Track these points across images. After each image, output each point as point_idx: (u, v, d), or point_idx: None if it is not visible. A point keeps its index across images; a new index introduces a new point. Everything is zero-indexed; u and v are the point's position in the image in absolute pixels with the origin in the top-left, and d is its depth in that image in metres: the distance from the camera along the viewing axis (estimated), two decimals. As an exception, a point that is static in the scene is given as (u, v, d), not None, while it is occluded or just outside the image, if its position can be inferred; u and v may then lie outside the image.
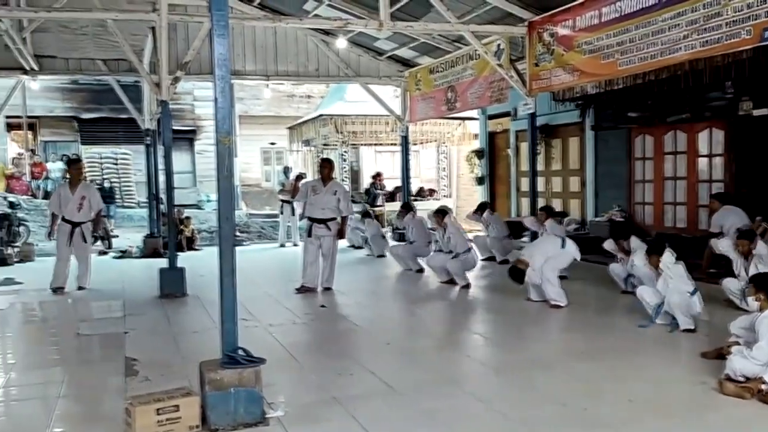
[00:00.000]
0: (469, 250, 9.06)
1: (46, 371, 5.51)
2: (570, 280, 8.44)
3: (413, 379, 5.01)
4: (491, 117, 15.31)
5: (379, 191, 17.27)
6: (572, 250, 7.66)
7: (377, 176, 17.88)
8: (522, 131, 13.24)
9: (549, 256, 7.49)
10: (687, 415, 4.25)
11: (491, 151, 15.76)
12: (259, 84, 14.51)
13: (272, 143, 25.03)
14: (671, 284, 6.10)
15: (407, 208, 11.39)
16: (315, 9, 11.45)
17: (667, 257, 6.26)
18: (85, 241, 9.18)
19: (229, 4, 4.22)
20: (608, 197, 11.94)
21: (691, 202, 10.61)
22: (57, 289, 8.93)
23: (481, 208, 11.47)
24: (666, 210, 11.07)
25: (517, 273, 7.48)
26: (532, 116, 9.76)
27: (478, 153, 15.99)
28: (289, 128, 20.04)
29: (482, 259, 10.64)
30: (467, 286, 8.77)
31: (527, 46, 9.43)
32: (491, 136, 15.68)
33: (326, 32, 12.36)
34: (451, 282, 8.99)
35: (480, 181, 16.10)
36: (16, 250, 12.60)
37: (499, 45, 9.86)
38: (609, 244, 8.15)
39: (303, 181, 10.04)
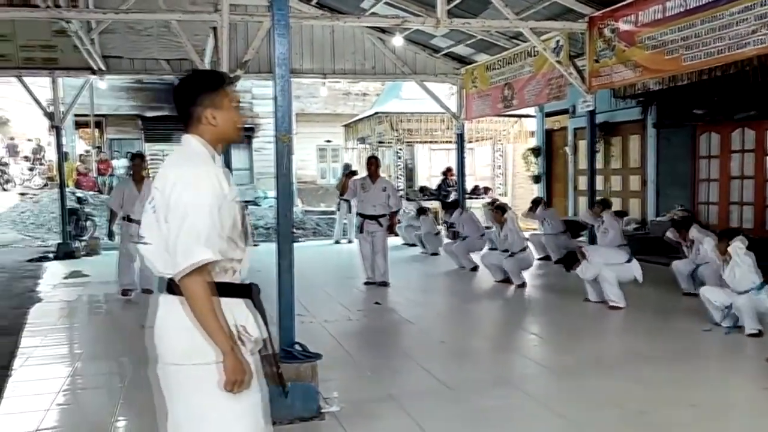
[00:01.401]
0: (526, 248, 8.95)
1: (112, 362, 5.71)
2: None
3: (467, 378, 4.99)
4: (548, 114, 15.08)
5: (451, 187, 16.98)
6: (635, 269, 7.39)
7: (448, 171, 17.16)
8: (580, 129, 12.99)
9: (610, 263, 7.33)
10: (749, 422, 4.11)
11: (548, 149, 15.52)
12: (316, 82, 14.65)
13: (328, 141, 25.27)
14: (738, 273, 5.84)
15: (454, 205, 11.35)
16: (372, 7, 11.49)
17: (739, 243, 5.95)
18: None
19: (288, 3, 4.27)
20: (670, 196, 11.61)
21: (759, 202, 10.21)
22: (125, 292, 8.33)
23: (535, 204, 11.32)
24: (732, 210, 10.70)
25: (571, 259, 7.34)
26: (592, 113, 9.56)
27: (535, 151, 15.78)
28: (345, 126, 20.18)
29: (538, 259, 10.51)
30: (523, 285, 8.68)
31: (587, 42, 9.24)
32: (548, 134, 15.45)
33: (383, 30, 12.39)
34: (507, 281, 8.91)
35: (536, 179, 15.88)
36: (83, 243, 13.08)
37: (558, 41, 9.69)
38: (671, 233, 7.91)
39: (353, 178, 10.06)
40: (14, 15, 9.17)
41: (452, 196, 16.40)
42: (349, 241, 14.19)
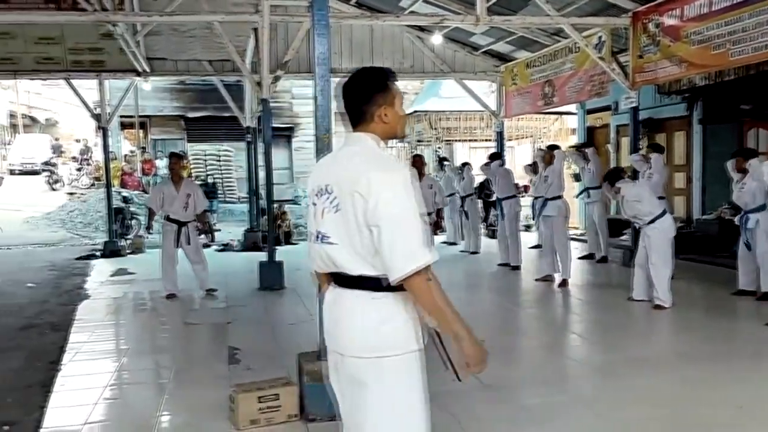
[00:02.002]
0: (561, 197, 8.65)
1: (157, 357, 5.84)
2: (675, 279, 8.08)
3: (509, 377, 4.95)
4: (590, 111, 14.85)
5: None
6: (668, 225, 7.09)
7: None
8: (623, 126, 12.76)
9: (642, 198, 7.05)
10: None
11: (590, 146, 15.26)
12: (355, 81, 14.68)
13: (367, 140, 25.35)
14: None
15: (496, 157, 11.15)
16: (411, 5, 11.48)
17: None
18: (190, 243, 8.37)
19: (328, 3, 4.30)
20: (717, 194, 11.31)
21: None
22: (170, 296, 8.28)
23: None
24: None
25: (616, 173, 7.13)
26: (635, 110, 9.39)
27: (577, 147, 15.53)
28: (384, 125, 20.24)
29: (579, 257, 10.37)
30: (564, 283, 8.55)
31: (631, 38, 9.08)
32: (590, 132, 15.21)
33: (422, 28, 12.37)
34: (547, 279, 8.81)
35: (577, 177, 15.63)
36: (128, 242, 13.39)
37: (600, 37, 9.55)
38: (729, 164, 7.62)
39: None
40: (63, 19, 9.44)
41: (495, 196, 16.20)
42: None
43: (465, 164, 13.15)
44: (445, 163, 13.97)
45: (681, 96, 10.98)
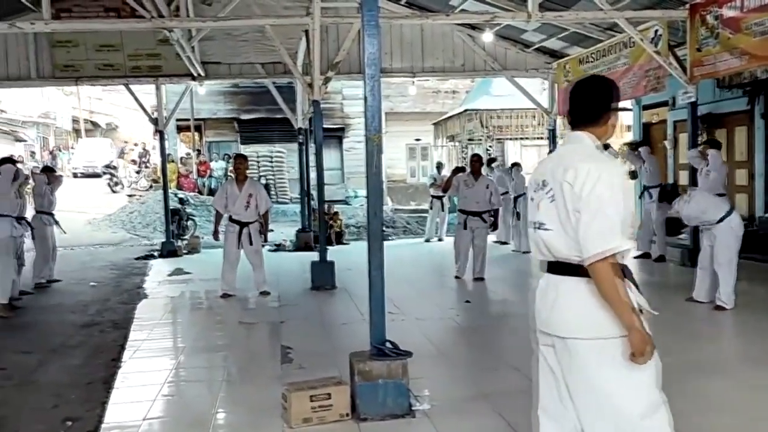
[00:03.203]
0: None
1: (212, 355, 5.95)
2: (737, 280, 7.81)
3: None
4: (646, 107, 14.48)
5: None
6: (736, 224, 6.76)
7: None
8: (681, 121, 12.40)
9: (705, 215, 6.81)
10: None
11: (646, 143, 14.88)
12: (405, 81, 14.70)
13: (417, 139, 25.33)
14: None
15: None
16: (462, 4, 11.41)
17: None
18: (252, 244, 8.38)
19: (378, 4, 4.31)
20: (781, 191, 10.91)
21: None
22: (225, 296, 8.38)
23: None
24: None
25: (673, 192, 6.91)
26: (693, 105, 9.11)
27: (631, 145, 15.18)
28: (434, 124, 20.17)
29: (635, 257, 10.13)
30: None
31: (688, 31, 8.82)
32: (646, 128, 14.84)
33: (473, 27, 12.28)
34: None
35: (633, 175, 15.25)
36: (185, 242, 13.71)
37: (656, 31, 9.29)
38: None
39: (457, 175, 10.01)
40: (123, 26, 9.76)
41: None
42: (440, 239, 14.16)
43: (515, 165, 13.01)
44: (494, 164, 13.87)
45: (742, 90, 10.60)
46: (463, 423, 4.11)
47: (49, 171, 10.49)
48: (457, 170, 10.97)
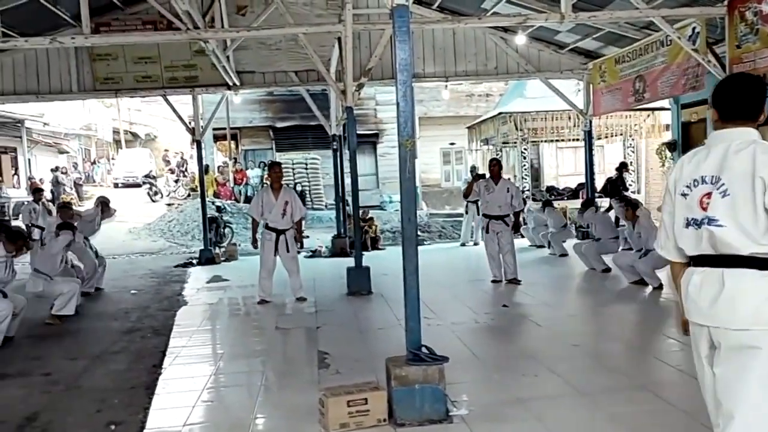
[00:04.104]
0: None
1: (250, 361, 6.02)
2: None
3: (601, 383, 4.81)
4: (685, 106, 14.19)
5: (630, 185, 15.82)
6: None
7: (623, 167, 15.57)
8: (721, 120, 12.14)
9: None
10: None
11: (685, 143, 14.60)
12: (438, 85, 14.69)
13: (452, 143, 25.26)
14: None
15: (588, 204, 11.05)
16: (494, 6, 11.36)
17: None
18: (289, 251, 8.49)
19: (409, 10, 4.32)
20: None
21: None
22: (263, 302, 8.53)
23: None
24: None
25: None
26: (734, 103, 8.90)
27: (670, 145, 14.89)
28: (468, 128, 20.07)
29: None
30: (660, 287, 8.24)
31: (727, 27, 8.63)
32: (685, 127, 14.54)
33: (505, 29, 12.22)
34: (642, 282, 8.50)
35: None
36: (222, 250, 13.89)
37: (694, 28, 9.12)
38: None
39: (478, 180, 10.03)
40: (160, 38, 9.97)
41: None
42: (475, 244, 14.10)
43: (549, 202, 13.11)
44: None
45: (785, 86, 10.31)
46: (502, 428, 4.09)
47: (104, 205, 10.52)
48: (478, 177, 11.03)
